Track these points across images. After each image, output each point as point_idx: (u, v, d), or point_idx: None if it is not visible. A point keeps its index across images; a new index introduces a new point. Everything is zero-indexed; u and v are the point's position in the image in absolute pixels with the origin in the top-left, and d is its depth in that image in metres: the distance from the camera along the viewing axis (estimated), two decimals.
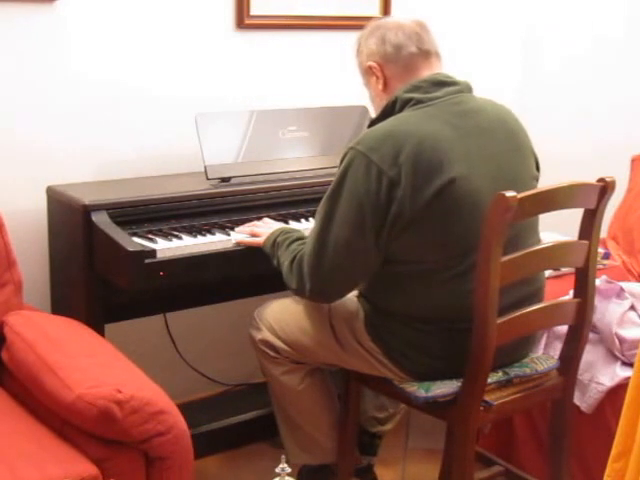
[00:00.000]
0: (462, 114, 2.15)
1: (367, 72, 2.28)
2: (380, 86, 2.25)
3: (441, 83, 2.18)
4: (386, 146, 2.04)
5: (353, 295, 2.32)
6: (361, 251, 2.08)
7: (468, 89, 2.23)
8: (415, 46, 2.20)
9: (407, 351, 2.18)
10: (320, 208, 2.14)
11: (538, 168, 2.33)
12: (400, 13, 3.30)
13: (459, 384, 2.13)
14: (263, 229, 2.44)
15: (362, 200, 2.03)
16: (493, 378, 2.17)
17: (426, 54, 2.22)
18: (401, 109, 2.16)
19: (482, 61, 3.58)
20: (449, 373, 2.16)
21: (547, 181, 2.30)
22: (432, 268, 2.10)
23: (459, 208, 2.05)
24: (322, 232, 2.10)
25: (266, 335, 2.43)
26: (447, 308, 2.12)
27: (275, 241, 2.31)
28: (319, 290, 2.15)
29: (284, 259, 2.24)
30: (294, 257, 2.19)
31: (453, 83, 2.20)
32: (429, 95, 2.15)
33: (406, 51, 2.20)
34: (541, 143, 2.41)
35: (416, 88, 2.16)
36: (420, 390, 2.17)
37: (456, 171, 2.04)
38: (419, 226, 2.04)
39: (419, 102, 2.13)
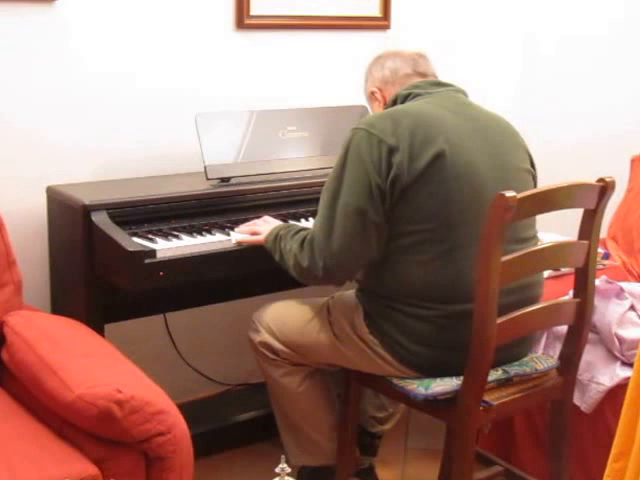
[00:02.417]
0: (459, 104, 2.27)
1: (371, 98, 2.43)
2: (382, 109, 2.35)
3: (438, 84, 2.31)
4: (385, 122, 2.15)
5: (352, 292, 2.35)
6: (370, 216, 2.11)
7: (464, 93, 2.34)
8: (411, 69, 2.34)
9: (403, 340, 2.19)
10: (326, 186, 2.20)
11: (534, 167, 2.37)
12: (400, 14, 3.31)
13: (459, 382, 2.14)
14: (263, 227, 2.44)
15: (366, 165, 2.10)
16: (493, 376, 2.17)
17: (422, 75, 2.35)
18: (402, 103, 2.28)
19: (481, 61, 3.59)
20: (447, 367, 2.17)
21: (547, 181, 2.31)
22: (426, 239, 2.12)
23: (452, 178, 2.11)
24: (331, 205, 2.14)
25: (265, 337, 2.44)
26: (440, 285, 2.14)
27: (277, 235, 2.32)
28: (332, 266, 2.15)
29: (291, 245, 2.24)
30: (304, 238, 2.21)
31: (450, 85, 2.32)
32: (428, 90, 2.27)
33: (402, 72, 2.34)
34: (541, 143, 2.43)
35: (415, 87, 2.29)
36: (420, 388, 2.17)
37: (450, 144, 2.12)
38: (415, 193, 2.10)
39: (418, 95, 2.26)
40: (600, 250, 2.68)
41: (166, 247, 2.33)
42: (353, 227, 2.11)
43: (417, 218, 2.12)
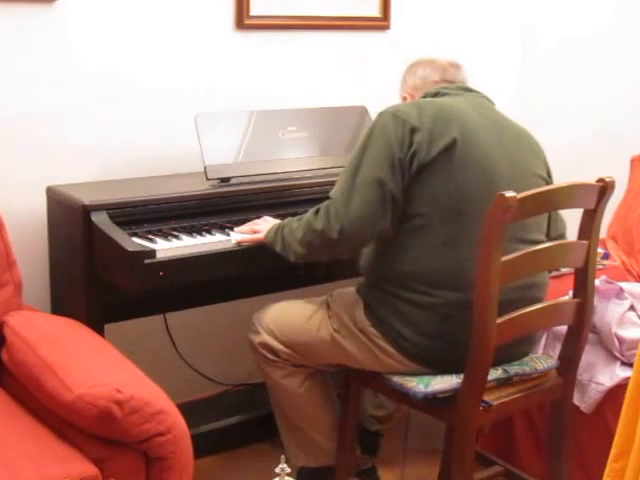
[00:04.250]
0: (482, 106, 2.34)
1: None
2: None
3: (466, 89, 2.39)
4: (411, 108, 2.25)
5: (351, 288, 2.38)
6: (389, 187, 2.16)
7: (490, 100, 2.40)
8: (439, 76, 2.43)
9: (404, 330, 2.21)
10: (348, 161, 2.26)
11: (550, 177, 2.40)
12: (399, 14, 3.31)
13: (459, 380, 2.14)
14: (263, 226, 2.45)
15: (391, 141, 2.18)
16: (493, 375, 2.17)
17: (449, 82, 2.41)
18: None
19: (481, 61, 3.58)
20: (447, 359, 2.19)
21: None
22: (435, 222, 2.17)
23: (466, 167, 2.18)
24: (352, 175, 2.20)
25: (265, 338, 2.44)
26: (445, 271, 2.16)
27: (279, 227, 2.35)
28: (348, 229, 2.17)
29: (299, 223, 2.27)
30: (318, 208, 2.24)
31: (478, 91, 2.39)
32: (455, 92, 2.35)
33: (430, 80, 2.43)
34: (540, 143, 2.42)
35: (443, 88, 2.37)
36: (419, 386, 2.17)
37: (463, 134, 2.19)
38: (429, 175, 2.16)
39: (445, 94, 2.34)
40: (600, 250, 2.68)
41: (166, 247, 2.33)
42: (373, 195, 2.16)
43: (429, 201, 2.17)
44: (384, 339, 2.24)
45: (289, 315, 2.45)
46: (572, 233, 2.31)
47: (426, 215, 2.17)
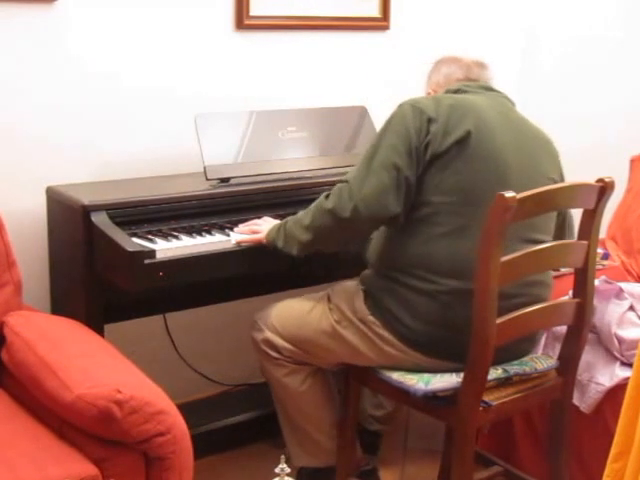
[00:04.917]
0: (502, 105, 2.36)
1: None
2: None
3: (487, 88, 2.40)
4: (429, 101, 2.29)
5: (352, 281, 2.40)
6: (405, 172, 2.18)
7: (511, 101, 2.42)
8: (463, 74, 2.45)
9: (404, 317, 2.22)
10: (367, 147, 2.29)
11: (562, 181, 2.41)
12: (399, 13, 3.31)
13: (459, 379, 2.14)
14: (263, 226, 2.46)
15: (409, 130, 2.22)
16: (493, 375, 2.17)
17: (473, 80, 2.43)
18: None
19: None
20: (447, 347, 2.19)
21: None
22: (444, 211, 2.19)
23: (479, 159, 2.21)
24: (370, 158, 2.23)
25: (268, 335, 2.45)
26: (449, 259, 2.18)
27: (280, 226, 2.36)
28: (362, 207, 2.19)
29: (306, 212, 2.29)
30: (328, 193, 2.26)
31: (499, 91, 2.41)
32: (476, 90, 2.37)
33: (454, 77, 2.45)
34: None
35: (464, 85, 2.39)
36: (420, 384, 2.18)
37: (478, 127, 2.22)
38: (441, 165, 2.19)
39: (465, 92, 2.36)
40: (599, 250, 2.68)
41: (166, 247, 2.33)
42: (388, 179, 2.19)
43: (438, 191, 2.19)
44: (384, 327, 2.26)
45: (291, 310, 2.46)
46: None
47: (434, 204, 2.20)
